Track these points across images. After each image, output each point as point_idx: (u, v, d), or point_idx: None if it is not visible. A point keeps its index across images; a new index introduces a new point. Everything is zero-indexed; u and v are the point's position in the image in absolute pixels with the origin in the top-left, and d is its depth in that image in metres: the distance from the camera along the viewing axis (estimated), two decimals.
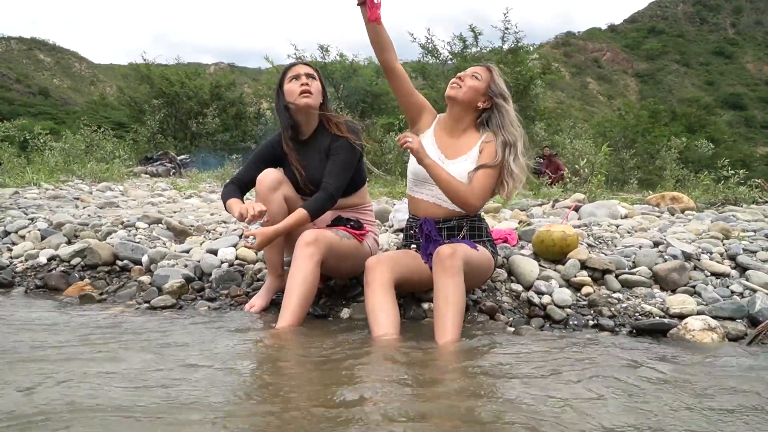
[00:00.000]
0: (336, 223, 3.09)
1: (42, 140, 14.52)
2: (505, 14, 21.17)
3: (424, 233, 2.95)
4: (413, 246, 3.10)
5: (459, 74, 2.99)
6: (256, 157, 3.23)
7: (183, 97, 24.72)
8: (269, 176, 2.98)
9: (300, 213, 2.88)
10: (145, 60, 26.01)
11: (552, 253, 3.46)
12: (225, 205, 3.04)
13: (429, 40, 22.63)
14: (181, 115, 24.65)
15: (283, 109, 3.10)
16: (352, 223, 3.10)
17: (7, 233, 4.37)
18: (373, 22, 2.82)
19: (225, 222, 4.77)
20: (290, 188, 3.06)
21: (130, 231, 4.35)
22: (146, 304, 3.22)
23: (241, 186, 3.13)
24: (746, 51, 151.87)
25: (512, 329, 2.87)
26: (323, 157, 3.09)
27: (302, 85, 3.05)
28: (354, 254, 3.01)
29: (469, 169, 2.90)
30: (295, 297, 2.70)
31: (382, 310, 2.65)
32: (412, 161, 2.96)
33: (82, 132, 16.07)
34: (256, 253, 3.69)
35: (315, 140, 3.14)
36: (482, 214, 3.16)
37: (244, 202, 2.94)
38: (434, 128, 3.08)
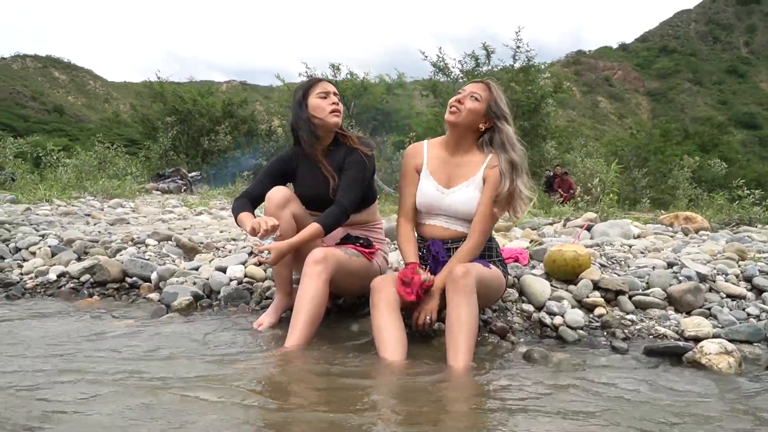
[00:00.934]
0: (345, 241, 3.06)
1: (55, 157, 14.61)
2: (516, 32, 21.21)
3: (432, 254, 2.92)
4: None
5: (457, 96, 2.88)
6: (267, 171, 3.21)
7: (195, 114, 24.89)
8: (278, 194, 2.96)
9: (314, 227, 2.86)
10: (158, 78, 26.25)
11: (564, 273, 3.42)
12: (236, 219, 3.02)
13: (440, 59, 22.72)
14: (193, 133, 24.80)
15: (306, 121, 3.07)
16: (361, 241, 3.08)
17: (17, 249, 4.39)
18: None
19: (234, 239, 4.76)
20: (299, 205, 3.04)
21: (139, 248, 4.35)
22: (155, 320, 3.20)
23: (252, 200, 3.10)
24: (760, 70, 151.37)
25: (524, 350, 2.80)
26: (336, 171, 3.07)
27: (333, 104, 3.05)
28: (363, 273, 2.98)
29: (471, 195, 2.86)
30: (303, 316, 2.67)
31: (388, 331, 2.61)
32: (421, 194, 2.95)
33: (96, 149, 16.17)
34: (265, 271, 3.67)
35: (329, 155, 3.12)
36: (492, 233, 3.11)
37: (255, 217, 2.93)
38: (427, 158, 3.00)
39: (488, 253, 2.95)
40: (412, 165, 3.02)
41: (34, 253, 4.28)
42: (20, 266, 4.12)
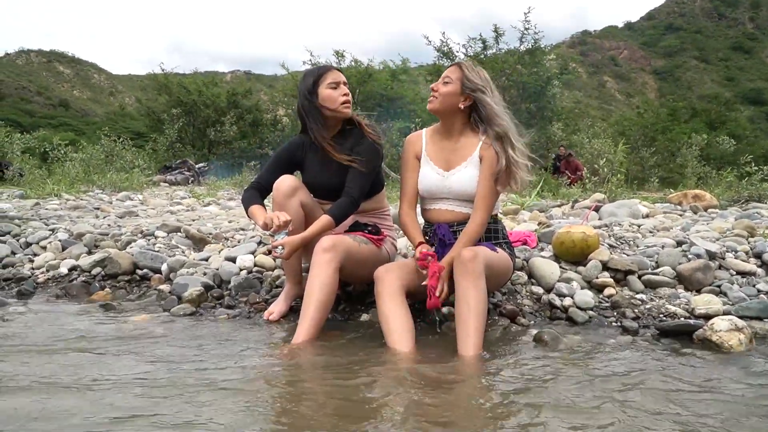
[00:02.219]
0: (354, 228, 3.07)
1: (62, 151, 14.66)
2: (526, 14, 21.10)
3: (438, 237, 2.92)
4: None
5: (432, 85, 2.91)
6: (275, 160, 3.19)
7: (201, 105, 24.94)
8: (285, 183, 2.95)
9: (324, 219, 2.87)
10: (163, 70, 26.27)
11: (572, 255, 3.42)
12: (247, 212, 3.02)
13: (444, 43, 22.64)
14: (199, 124, 24.87)
15: (316, 111, 3.05)
16: (369, 228, 3.08)
17: (28, 244, 4.41)
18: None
19: (243, 229, 4.78)
20: (306, 194, 3.04)
21: (149, 240, 4.37)
22: (166, 313, 3.23)
23: (261, 190, 3.09)
24: (766, 45, 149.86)
25: (534, 332, 2.80)
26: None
27: (344, 95, 3.04)
28: (372, 260, 2.98)
29: (471, 175, 2.87)
30: (313, 304, 2.68)
31: (395, 321, 2.62)
32: (422, 180, 2.96)
33: (102, 142, 16.22)
34: (275, 260, 3.69)
35: (337, 142, 3.10)
36: (499, 215, 3.11)
37: (265, 207, 2.94)
38: (426, 146, 3.03)
39: (494, 235, 2.95)
40: (412, 152, 3.05)
41: (44, 248, 4.31)
42: (31, 261, 4.15)
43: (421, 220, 3.16)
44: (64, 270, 3.89)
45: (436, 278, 2.66)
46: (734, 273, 3.31)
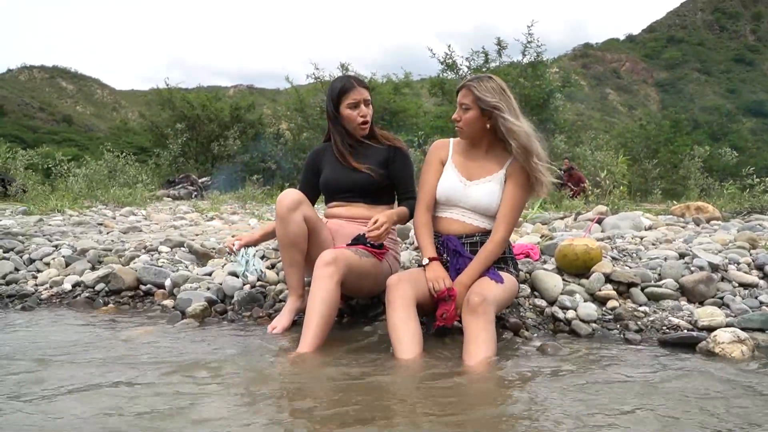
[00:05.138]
0: (356, 241, 3.08)
1: (65, 167, 14.71)
2: (529, 27, 21.17)
3: (451, 249, 2.93)
4: None
5: (454, 116, 2.93)
6: (305, 168, 3.47)
7: (204, 120, 25.03)
8: (288, 197, 2.97)
9: (403, 209, 3.15)
10: (167, 85, 26.38)
11: (575, 267, 3.42)
12: None
13: (448, 56, 22.71)
14: (202, 138, 24.94)
15: (339, 123, 3.27)
16: (371, 241, 3.09)
17: (32, 260, 4.41)
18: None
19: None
20: (310, 208, 3.05)
21: (153, 255, 4.38)
22: (170, 327, 3.23)
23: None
24: (767, 57, 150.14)
25: (537, 345, 2.81)
26: (377, 162, 3.24)
27: (361, 116, 3.21)
28: (374, 273, 2.99)
29: (492, 190, 2.91)
30: (316, 318, 2.67)
31: (404, 330, 2.60)
32: (443, 184, 2.99)
33: (105, 158, 16.27)
34: (278, 274, 3.70)
35: (359, 152, 3.27)
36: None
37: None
38: (452, 153, 3.07)
39: (501, 255, 2.96)
40: (438, 156, 3.09)
41: (48, 264, 4.32)
42: (35, 277, 4.15)
43: None
44: (67, 286, 3.90)
45: (451, 315, 2.75)
46: (737, 285, 3.31)
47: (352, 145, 3.27)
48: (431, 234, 2.99)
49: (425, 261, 2.89)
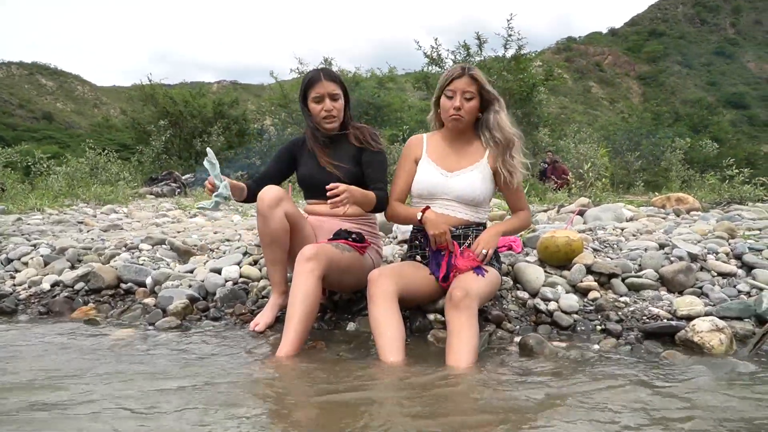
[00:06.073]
0: (337, 236, 3.07)
1: (45, 165, 14.53)
2: (508, 20, 21.16)
3: (432, 248, 2.93)
4: (418, 257, 3.07)
5: (453, 103, 2.87)
6: (275, 156, 3.40)
7: (187, 116, 24.80)
8: (269, 193, 2.95)
9: (371, 193, 2.94)
10: (150, 80, 26.11)
11: (557, 259, 3.43)
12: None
13: (434, 49, 22.66)
14: (185, 135, 24.72)
15: (308, 117, 3.23)
16: (353, 236, 3.08)
17: (9, 260, 4.34)
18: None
19: (228, 240, 4.76)
20: (291, 204, 3.03)
21: (133, 253, 4.34)
22: (151, 327, 3.21)
23: (257, 181, 3.26)
24: (747, 50, 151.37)
25: (518, 339, 2.82)
26: (350, 159, 3.20)
27: (325, 110, 3.15)
28: (356, 267, 2.98)
29: (476, 179, 2.93)
30: (297, 315, 2.65)
31: (386, 326, 2.59)
32: (422, 179, 3.00)
33: (87, 155, 16.09)
34: (260, 270, 3.69)
35: (333, 147, 3.24)
36: (488, 222, 3.13)
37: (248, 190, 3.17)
38: (427, 148, 3.07)
39: None
40: (411, 155, 3.10)
41: (26, 263, 4.26)
42: (12, 277, 4.10)
43: (408, 227, 3.17)
44: (46, 286, 3.85)
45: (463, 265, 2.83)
46: (715, 274, 3.34)
47: (324, 141, 3.24)
48: (408, 207, 3.05)
49: (419, 215, 2.90)
